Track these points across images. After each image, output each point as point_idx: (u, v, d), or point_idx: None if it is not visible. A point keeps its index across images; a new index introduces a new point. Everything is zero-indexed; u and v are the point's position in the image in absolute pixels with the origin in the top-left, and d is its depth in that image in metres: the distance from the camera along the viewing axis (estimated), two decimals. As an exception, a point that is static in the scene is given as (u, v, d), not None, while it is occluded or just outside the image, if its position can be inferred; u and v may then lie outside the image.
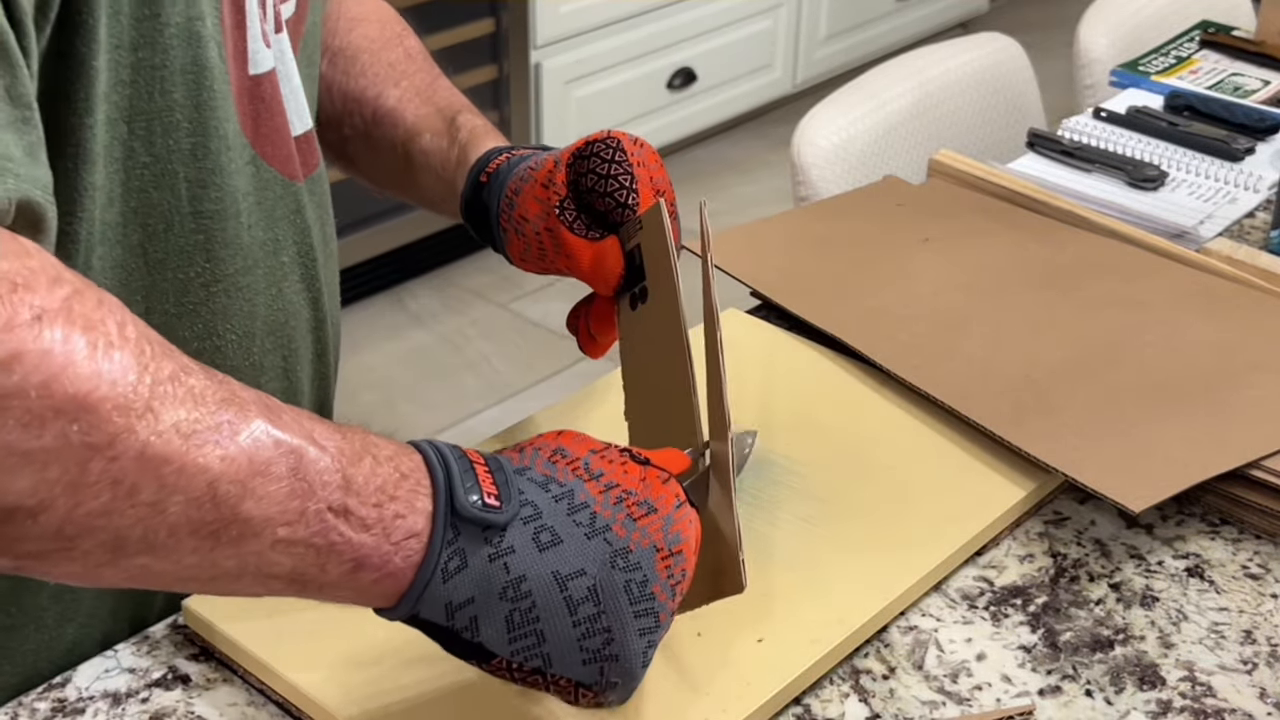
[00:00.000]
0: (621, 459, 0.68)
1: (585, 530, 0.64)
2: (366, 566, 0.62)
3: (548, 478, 0.66)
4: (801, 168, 1.62)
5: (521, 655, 0.64)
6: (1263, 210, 1.36)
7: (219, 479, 0.57)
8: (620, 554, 0.64)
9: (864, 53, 3.67)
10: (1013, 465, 0.95)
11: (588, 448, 0.68)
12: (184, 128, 0.75)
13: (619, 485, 0.66)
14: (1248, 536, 0.93)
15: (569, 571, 0.63)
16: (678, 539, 0.66)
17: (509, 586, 0.63)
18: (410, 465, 0.63)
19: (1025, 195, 1.26)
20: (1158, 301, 1.11)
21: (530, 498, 0.65)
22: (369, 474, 0.61)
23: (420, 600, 0.63)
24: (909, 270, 1.15)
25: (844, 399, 1.02)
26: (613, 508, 0.65)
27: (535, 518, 0.64)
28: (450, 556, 0.62)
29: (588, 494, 0.66)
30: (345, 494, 0.60)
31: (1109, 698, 0.81)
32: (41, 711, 0.78)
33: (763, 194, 3.27)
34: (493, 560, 0.63)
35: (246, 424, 0.58)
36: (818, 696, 0.80)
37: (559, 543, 0.64)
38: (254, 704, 0.79)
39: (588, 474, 0.66)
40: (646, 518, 0.65)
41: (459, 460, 0.64)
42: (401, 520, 0.62)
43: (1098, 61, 1.88)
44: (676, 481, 0.68)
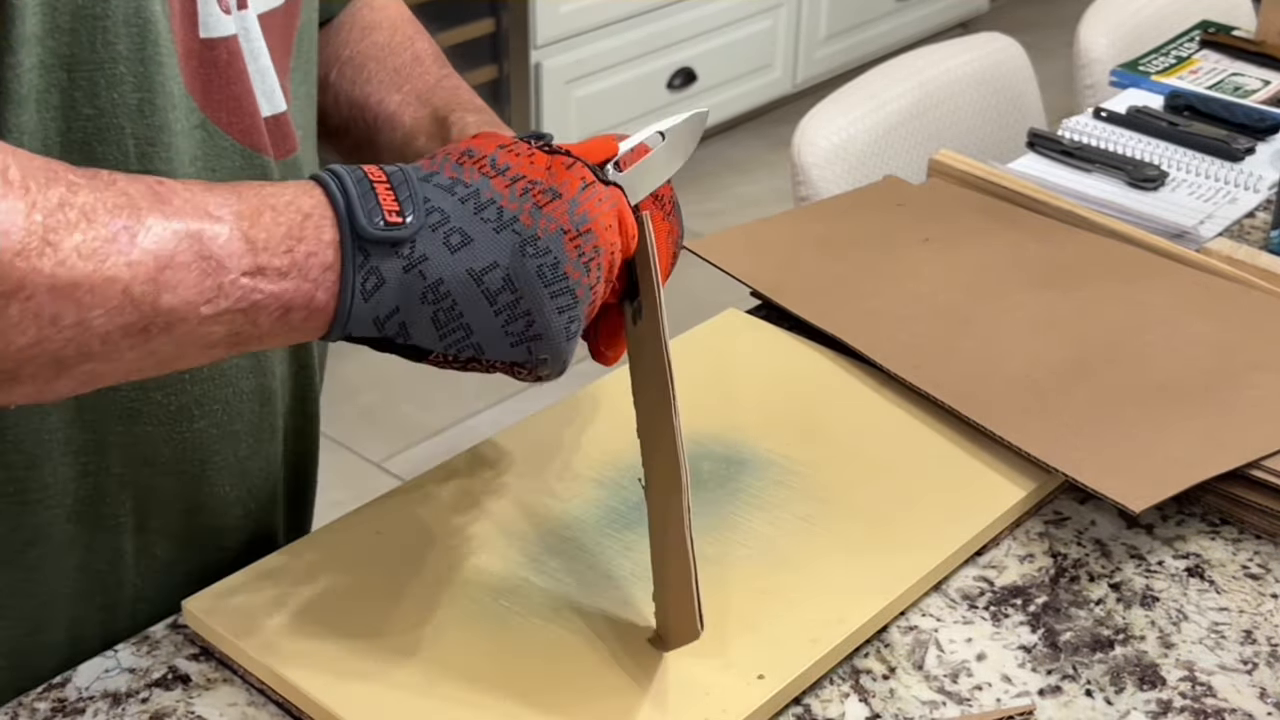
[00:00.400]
0: (529, 151, 0.71)
1: (493, 225, 0.67)
2: (294, 308, 0.66)
3: (454, 180, 0.69)
4: (801, 168, 1.62)
5: (454, 348, 0.68)
6: (1263, 210, 1.36)
7: (130, 283, 0.61)
8: (529, 241, 0.67)
9: (864, 53, 3.67)
10: (1013, 465, 0.95)
11: (496, 144, 0.71)
12: (129, 81, 0.74)
13: (525, 176, 0.69)
14: (1248, 536, 0.93)
15: (482, 266, 0.67)
16: (584, 219, 0.69)
17: (428, 290, 0.67)
18: (311, 203, 0.66)
19: (1025, 195, 1.26)
20: (1158, 301, 1.11)
21: (436, 204, 0.68)
22: (271, 226, 0.65)
23: (348, 322, 0.67)
24: (909, 270, 1.15)
25: (844, 399, 1.02)
26: (518, 199, 0.68)
27: (444, 222, 0.67)
28: (366, 277, 0.66)
29: (493, 190, 0.68)
30: (254, 255, 0.64)
31: (1109, 698, 0.81)
32: (41, 711, 0.78)
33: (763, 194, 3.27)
34: (408, 270, 0.66)
35: (141, 225, 0.62)
36: (818, 696, 0.80)
37: (470, 242, 0.67)
38: (254, 704, 0.79)
39: (494, 170, 0.69)
40: (552, 204, 0.69)
41: (359, 184, 0.67)
42: (314, 257, 0.65)
43: (1098, 61, 1.88)
44: (584, 164, 0.71)
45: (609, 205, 0.71)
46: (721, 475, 0.94)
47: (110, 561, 0.85)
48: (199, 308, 0.63)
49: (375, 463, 2.45)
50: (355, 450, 2.47)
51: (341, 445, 2.49)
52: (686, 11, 3.21)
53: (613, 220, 0.71)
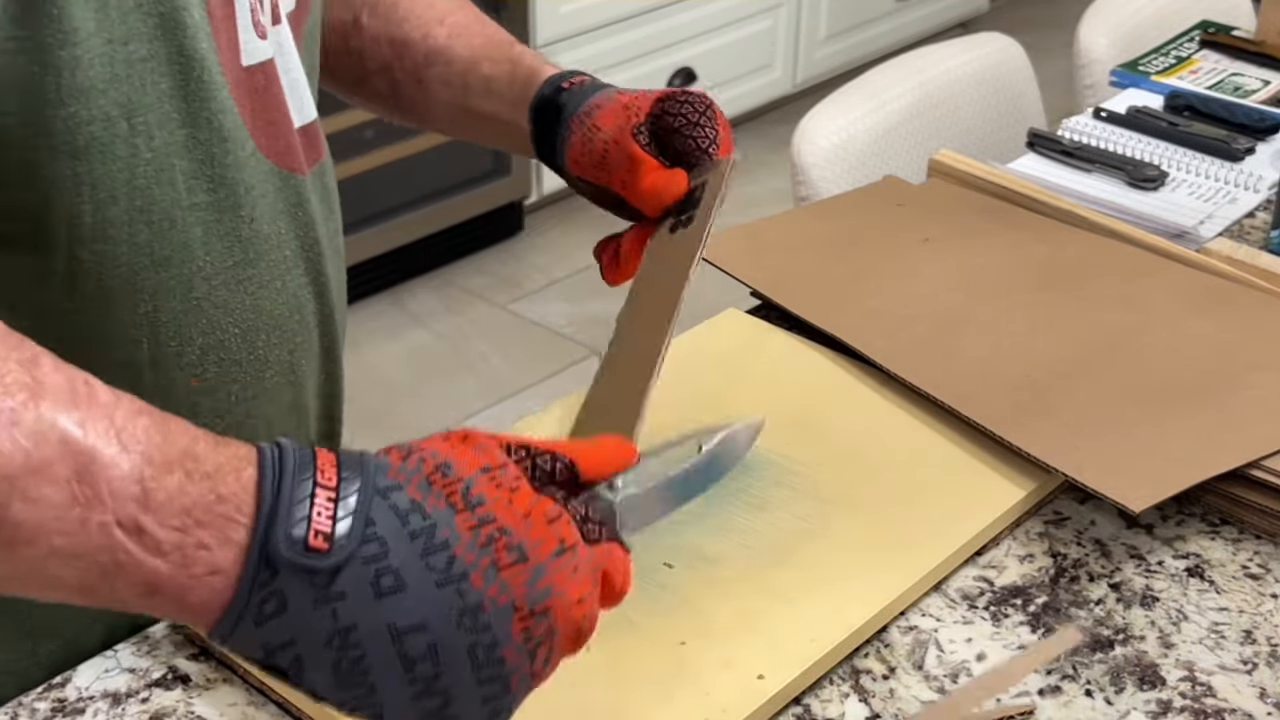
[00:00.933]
0: (514, 482, 0.59)
1: (437, 577, 0.56)
2: (161, 594, 0.56)
3: (415, 503, 0.58)
4: (801, 168, 1.62)
5: (350, 705, 0.58)
6: (1263, 210, 1.36)
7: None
8: (470, 612, 0.57)
9: (864, 53, 3.67)
10: (1013, 465, 0.95)
11: (479, 465, 0.59)
12: (174, 119, 0.75)
13: (495, 521, 0.58)
14: (1248, 536, 0.93)
15: (406, 625, 0.56)
16: (545, 594, 0.58)
17: (335, 635, 0.56)
18: (233, 487, 0.56)
19: (1025, 195, 1.26)
20: (1158, 301, 1.11)
21: (381, 531, 0.56)
22: (176, 490, 0.55)
23: (232, 638, 0.57)
24: (909, 270, 1.15)
25: (844, 399, 1.02)
26: (478, 550, 0.57)
27: (380, 557, 0.56)
28: (265, 599, 0.56)
29: (453, 530, 0.57)
30: (141, 509, 0.54)
31: (1109, 698, 0.81)
32: (41, 711, 0.78)
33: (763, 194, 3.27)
34: (317, 606, 0.56)
35: (33, 413, 0.53)
36: (818, 696, 0.80)
37: (401, 589, 0.56)
38: (254, 704, 0.79)
39: (464, 503, 0.58)
40: (513, 567, 0.57)
41: (301, 482, 0.57)
42: (205, 552, 0.55)
43: (1098, 61, 1.88)
44: (570, 517, 0.60)
45: (585, 573, 0.60)
46: (721, 475, 0.94)
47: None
48: (51, 537, 0.54)
49: (375, 463, 2.45)
50: (355, 450, 2.47)
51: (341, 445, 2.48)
52: (686, 11, 3.21)
53: (588, 591, 0.60)
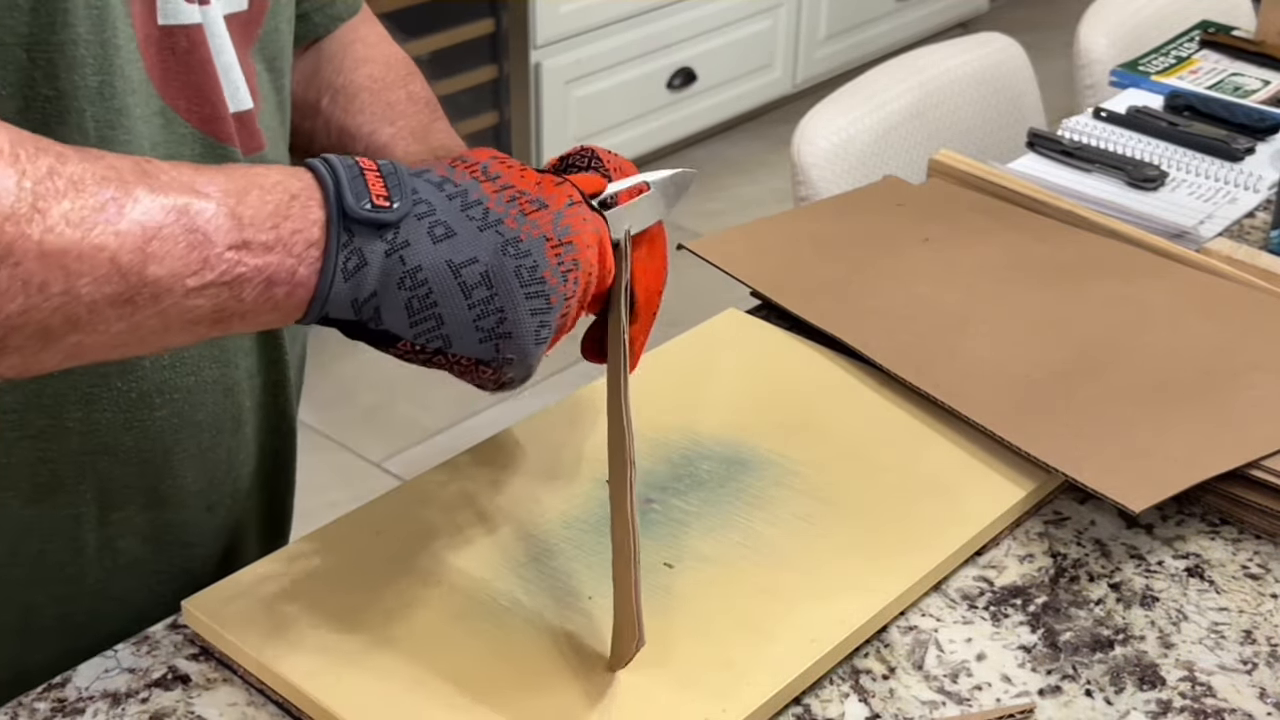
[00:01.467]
0: (521, 166, 0.73)
1: (478, 223, 0.69)
2: (277, 282, 0.66)
3: (444, 178, 0.70)
4: (801, 168, 1.62)
5: (423, 337, 0.69)
6: (1263, 210, 1.37)
7: (118, 253, 0.62)
8: (511, 243, 0.69)
9: (864, 53, 3.67)
10: (1013, 465, 0.95)
11: (490, 154, 0.73)
12: (89, 64, 0.75)
13: (514, 186, 0.71)
14: (1248, 536, 0.93)
15: (462, 260, 0.68)
16: (567, 230, 0.71)
17: (406, 276, 0.68)
18: (300, 185, 0.67)
19: (1025, 195, 1.26)
20: (1158, 301, 1.11)
21: (424, 196, 0.69)
22: (258, 204, 0.66)
23: (328, 300, 0.67)
24: (909, 270, 1.15)
25: (844, 399, 1.02)
26: (505, 204, 0.70)
27: (429, 213, 0.68)
28: (349, 256, 0.67)
29: (482, 192, 0.70)
30: (240, 230, 0.65)
31: (1109, 698, 0.81)
32: (41, 711, 0.78)
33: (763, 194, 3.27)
34: (389, 255, 0.67)
35: (130, 196, 0.62)
36: (818, 696, 0.80)
37: (453, 235, 0.68)
38: (254, 704, 0.79)
39: (484, 175, 0.71)
40: (537, 212, 0.70)
41: (348, 169, 0.68)
42: (299, 234, 0.66)
43: (1098, 61, 1.88)
44: (572, 184, 0.73)
45: (591, 227, 0.73)
46: (721, 475, 0.94)
47: (71, 553, 0.85)
48: (185, 279, 0.64)
49: (375, 463, 2.45)
50: (355, 450, 2.47)
51: (341, 445, 2.49)
52: (686, 11, 3.21)
53: (594, 242, 0.73)
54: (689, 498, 0.92)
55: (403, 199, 0.68)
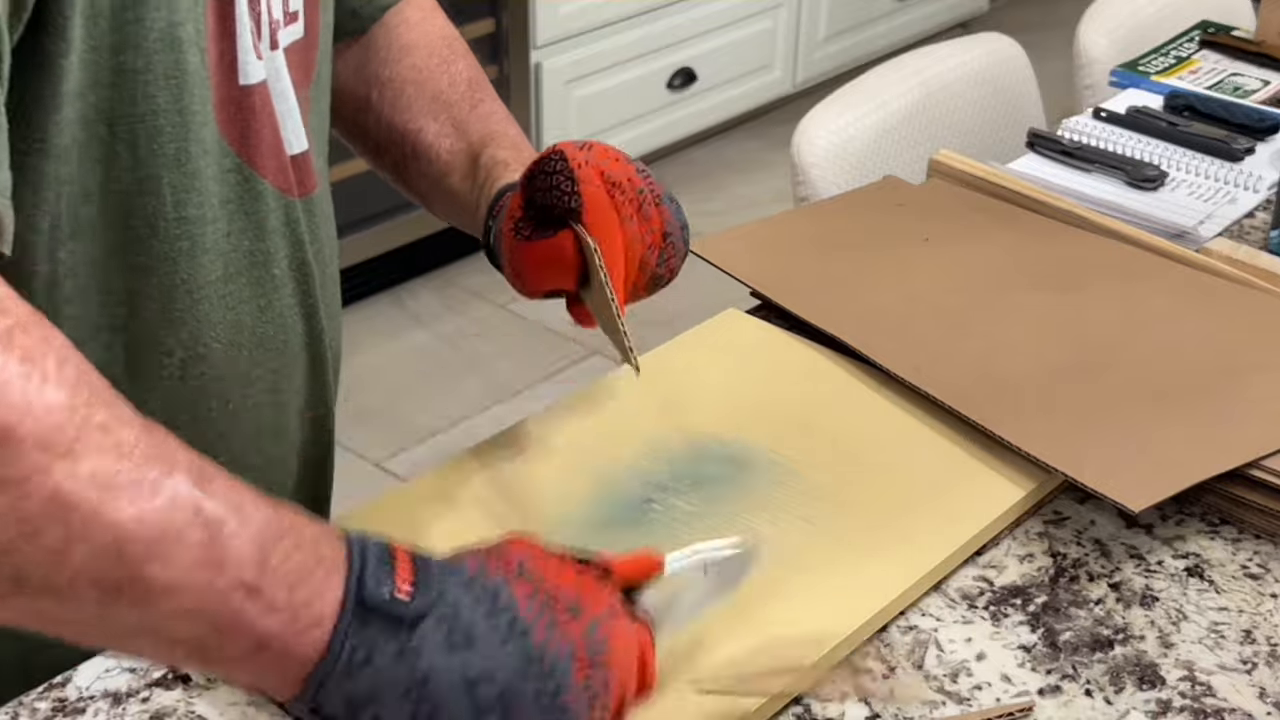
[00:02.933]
0: (560, 560, 0.66)
1: (502, 634, 0.62)
2: (269, 649, 0.60)
3: (473, 578, 0.64)
4: (801, 168, 1.62)
5: None
6: (1263, 210, 1.37)
7: (128, 537, 0.56)
8: (534, 661, 0.62)
9: (864, 53, 3.67)
10: (1013, 465, 0.95)
11: (527, 547, 0.66)
12: (167, 133, 0.76)
13: (549, 587, 0.64)
14: (1248, 536, 0.93)
15: (477, 675, 0.61)
16: (601, 647, 0.63)
17: (414, 686, 0.61)
18: (328, 552, 0.62)
19: (1025, 195, 1.26)
20: (1158, 302, 1.11)
21: (450, 596, 0.62)
22: (287, 555, 0.60)
23: (321, 691, 0.61)
24: (909, 270, 1.15)
25: (844, 399, 1.02)
26: (537, 611, 0.63)
27: (451, 616, 0.62)
28: (355, 648, 0.60)
29: (512, 595, 0.63)
30: (259, 573, 0.59)
31: (1109, 697, 0.81)
32: (42, 711, 0.78)
33: (763, 194, 3.27)
34: (400, 657, 0.61)
35: (169, 484, 0.57)
36: (818, 696, 0.80)
37: (472, 644, 0.62)
38: (254, 704, 0.79)
39: (519, 574, 0.64)
40: (571, 622, 0.63)
41: (379, 551, 0.63)
42: (309, 608, 0.60)
43: (1098, 61, 1.88)
44: (617, 590, 0.66)
45: (631, 640, 0.65)
46: (721, 475, 0.94)
47: None
48: (180, 596, 0.58)
49: (375, 463, 2.45)
50: (355, 450, 2.47)
51: (341, 445, 2.48)
52: (686, 11, 3.21)
53: (631, 660, 0.65)
54: (689, 498, 0.92)
55: (427, 595, 0.62)
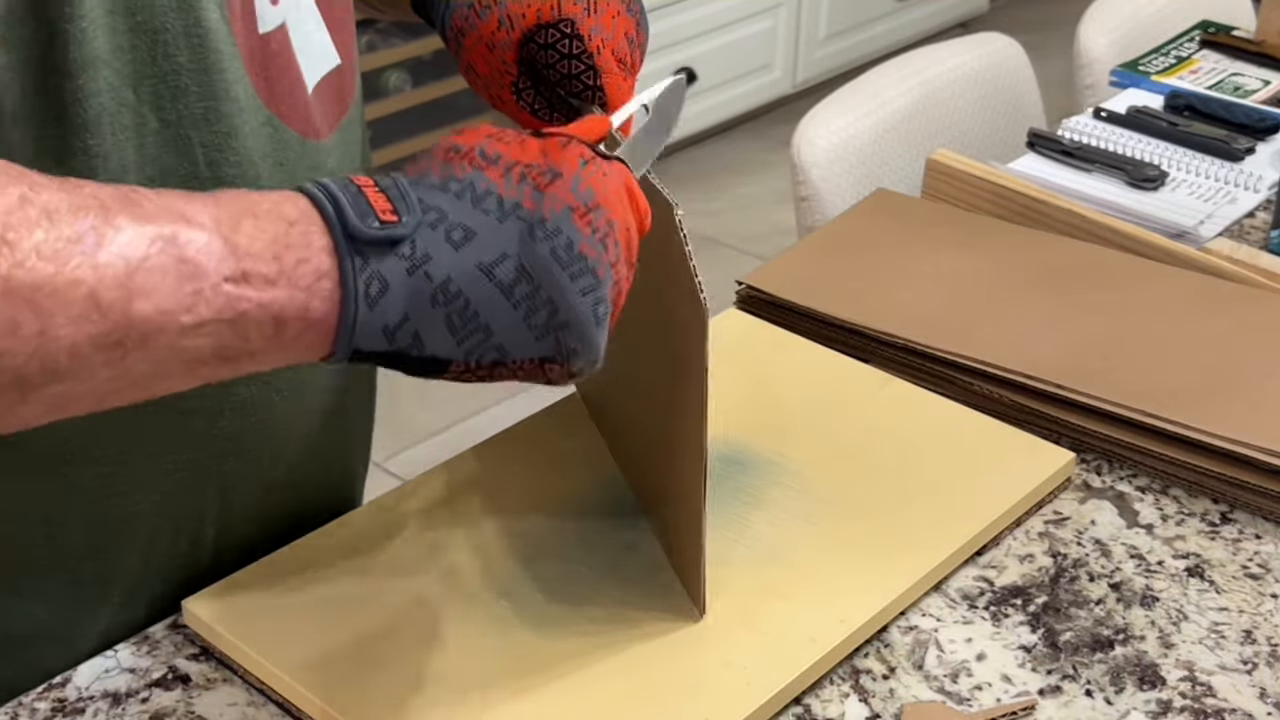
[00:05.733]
0: (519, 137, 0.66)
1: (495, 215, 0.63)
2: (287, 320, 0.60)
3: (445, 178, 0.64)
4: (801, 168, 1.62)
5: (476, 353, 0.63)
6: (1263, 210, 1.36)
7: (97, 287, 0.56)
8: (536, 225, 0.63)
9: (864, 53, 3.67)
10: (1013, 465, 0.95)
11: (483, 135, 0.66)
12: (193, 92, 0.75)
13: (519, 162, 0.64)
14: (1248, 536, 0.93)
15: (491, 259, 0.62)
16: (590, 194, 0.64)
17: (438, 292, 0.61)
18: (296, 210, 0.61)
19: (1025, 195, 1.26)
20: (1159, 302, 1.11)
21: (431, 202, 0.63)
22: (254, 232, 0.60)
23: (355, 334, 0.61)
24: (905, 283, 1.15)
25: (844, 398, 1.02)
26: (516, 185, 0.64)
27: (442, 219, 0.62)
28: (368, 281, 0.60)
29: (488, 181, 0.64)
30: (237, 259, 0.59)
31: (1109, 698, 0.81)
32: (41, 711, 0.78)
33: (763, 194, 3.27)
34: (412, 272, 0.61)
35: (110, 225, 0.57)
36: (818, 696, 0.80)
37: (473, 235, 0.62)
38: (254, 704, 0.79)
39: (485, 160, 0.64)
40: (553, 184, 0.64)
41: (345, 189, 0.62)
42: (304, 264, 0.60)
43: (1098, 61, 1.88)
44: (581, 142, 0.66)
45: (615, 179, 0.66)
46: (721, 475, 0.94)
47: (191, 543, 0.87)
48: (178, 316, 0.57)
49: (375, 463, 2.44)
50: (355, 450, 2.47)
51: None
52: (686, 11, 3.21)
53: (622, 194, 0.66)
54: (689, 498, 0.91)
55: (410, 210, 0.62)
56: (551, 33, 0.80)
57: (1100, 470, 0.99)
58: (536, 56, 0.81)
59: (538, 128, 0.81)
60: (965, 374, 1.04)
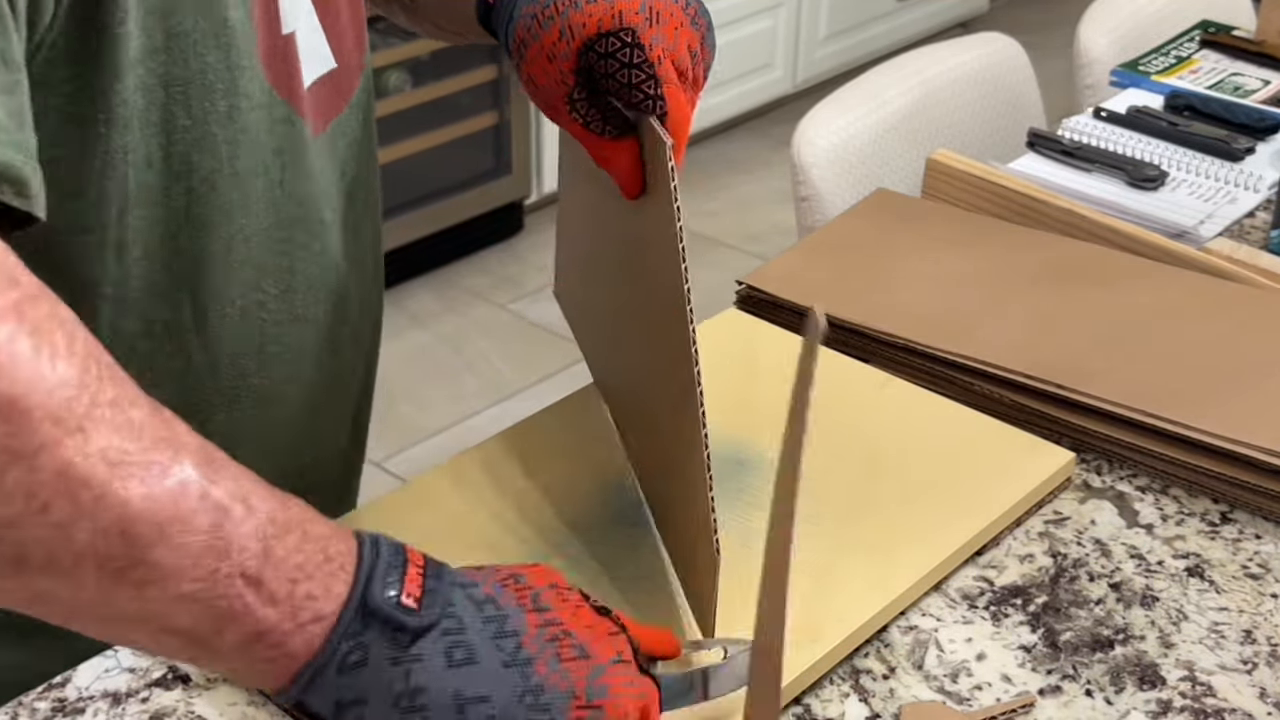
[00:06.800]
0: (578, 601, 0.65)
1: (505, 658, 0.61)
2: (264, 641, 0.59)
3: (489, 597, 0.63)
4: (801, 167, 1.62)
5: None
6: (1263, 210, 1.37)
7: (136, 518, 0.55)
8: (533, 691, 0.61)
9: (864, 53, 3.68)
10: (1013, 465, 0.95)
11: (548, 582, 0.65)
12: (219, 90, 0.76)
13: (561, 624, 0.63)
14: (1248, 536, 0.93)
15: (472, 695, 0.60)
16: (602, 692, 0.62)
17: (404, 695, 0.60)
18: (339, 549, 0.61)
19: (1025, 195, 1.26)
20: (1159, 302, 1.11)
21: (458, 611, 0.62)
22: (293, 549, 0.59)
23: (310, 686, 0.60)
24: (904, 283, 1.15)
25: (844, 399, 1.02)
26: (544, 644, 0.62)
27: (456, 631, 0.61)
28: (351, 649, 0.60)
29: (523, 623, 0.63)
30: (262, 563, 0.58)
31: (1109, 697, 0.81)
32: (41, 711, 0.78)
33: (763, 194, 3.27)
34: (395, 664, 0.60)
35: (179, 469, 0.57)
36: (818, 696, 0.80)
37: (472, 663, 0.61)
38: (254, 704, 0.79)
39: (533, 605, 0.64)
40: (574, 661, 0.62)
41: (392, 555, 0.62)
42: (312, 602, 0.59)
43: (1098, 61, 1.88)
44: (628, 639, 0.66)
45: (635, 692, 0.64)
46: (721, 475, 0.93)
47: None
48: (184, 581, 0.57)
49: (375, 463, 2.45)
50: (355, 450, 2.47)
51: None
52: (686, 11, 3.21)
53: (634, 710, 0.64)
54: (689, 498, 0.91)
55: (434, 607, 0.61)
56: (612, 41, 0.78)
57: (1100, 470, 0.99)
58: (596, 66, 0.79)
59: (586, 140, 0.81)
60: (965, 374, 1.04)
